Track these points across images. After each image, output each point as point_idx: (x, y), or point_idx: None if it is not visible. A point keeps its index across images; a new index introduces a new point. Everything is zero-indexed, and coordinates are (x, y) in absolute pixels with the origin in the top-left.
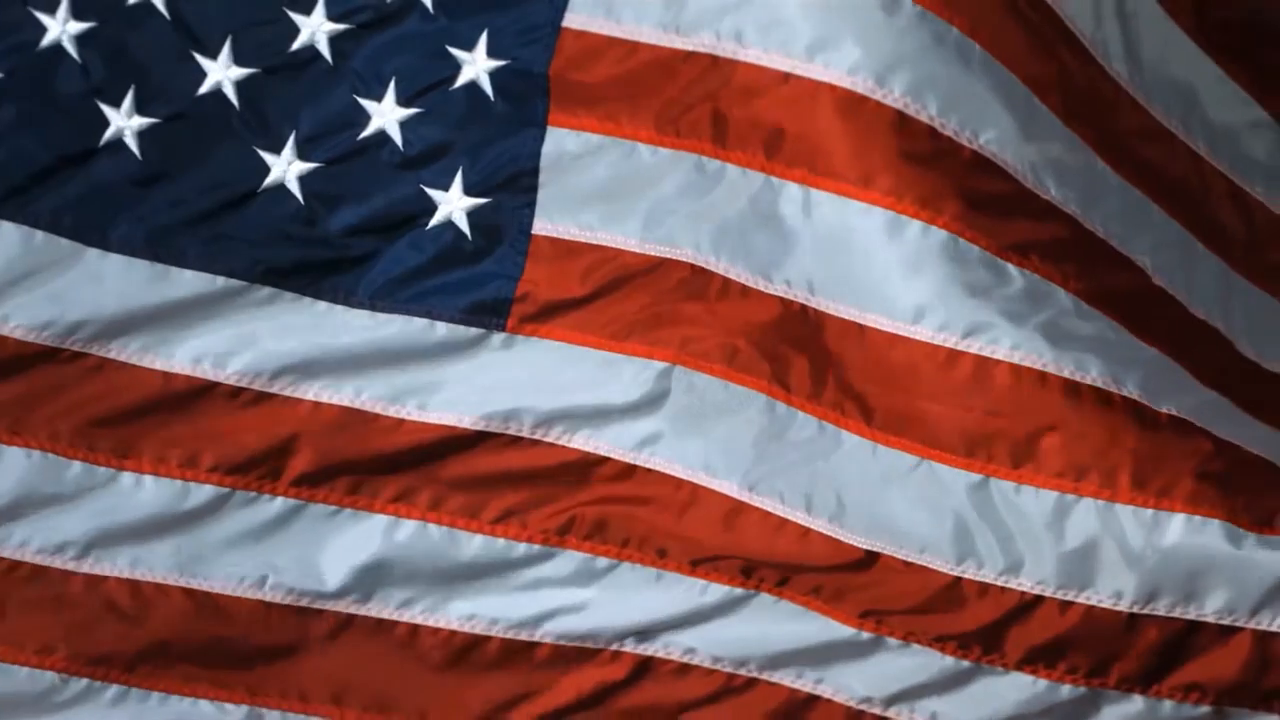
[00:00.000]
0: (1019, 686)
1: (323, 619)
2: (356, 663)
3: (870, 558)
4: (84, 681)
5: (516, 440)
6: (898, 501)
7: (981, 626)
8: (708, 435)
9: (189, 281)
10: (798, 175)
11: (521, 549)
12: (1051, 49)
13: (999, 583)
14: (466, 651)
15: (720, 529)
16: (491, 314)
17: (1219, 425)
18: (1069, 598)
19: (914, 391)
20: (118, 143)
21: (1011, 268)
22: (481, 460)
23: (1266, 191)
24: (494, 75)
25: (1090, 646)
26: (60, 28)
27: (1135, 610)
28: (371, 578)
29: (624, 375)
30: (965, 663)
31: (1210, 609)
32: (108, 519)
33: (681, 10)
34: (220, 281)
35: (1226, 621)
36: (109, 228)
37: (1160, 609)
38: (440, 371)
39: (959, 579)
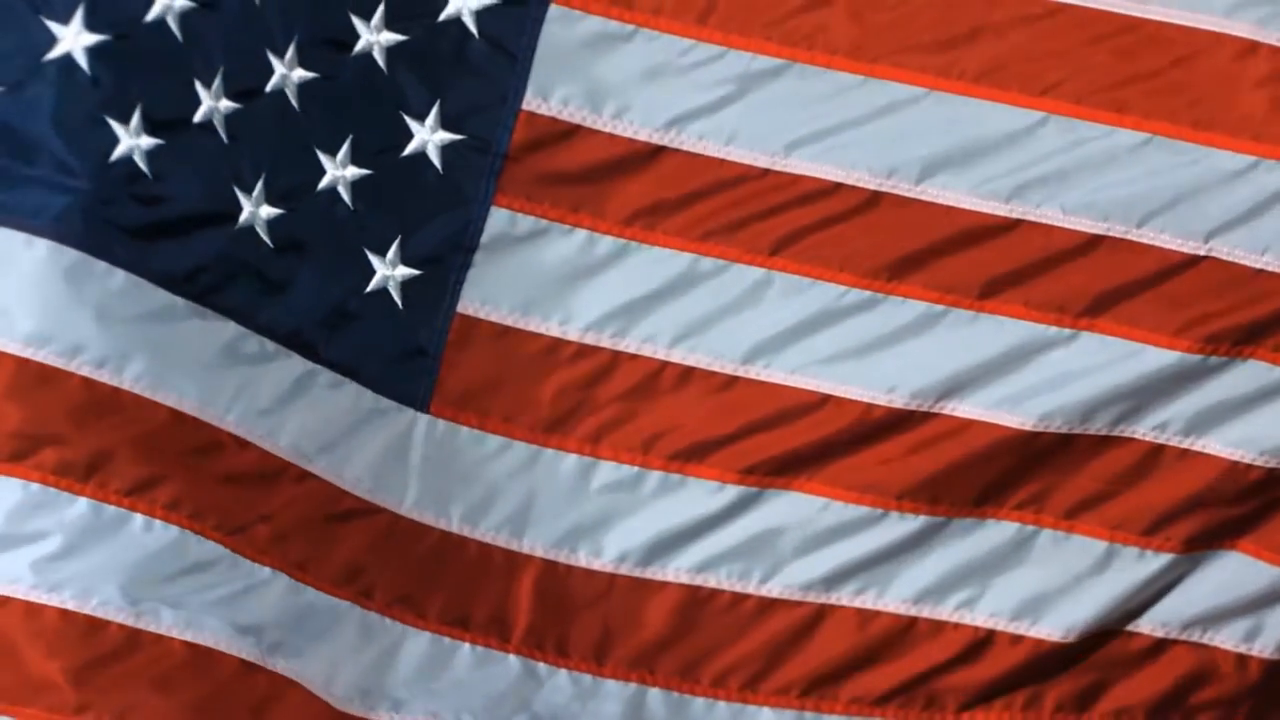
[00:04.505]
0: None
1: None
2: None
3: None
4: None
5: (446, 535)
6: None
7: (930, 669)
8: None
9: (178, 312)
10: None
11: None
12: None
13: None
14: None
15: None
16: (417, 393)
17: None
18: (1020, 631)
19: None
20: (127, 159)
21: None
22: (423, 551)
23: None
24: (444, 148)
25: (1028, 679)
26: (73, 39)
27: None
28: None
29: (549, 469)
30: None
31: (1146, 624)
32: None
33: (655, 103)
34: (216, 324)
35: (1161, 635)
36: (110, 246)
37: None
38: (376, 451)
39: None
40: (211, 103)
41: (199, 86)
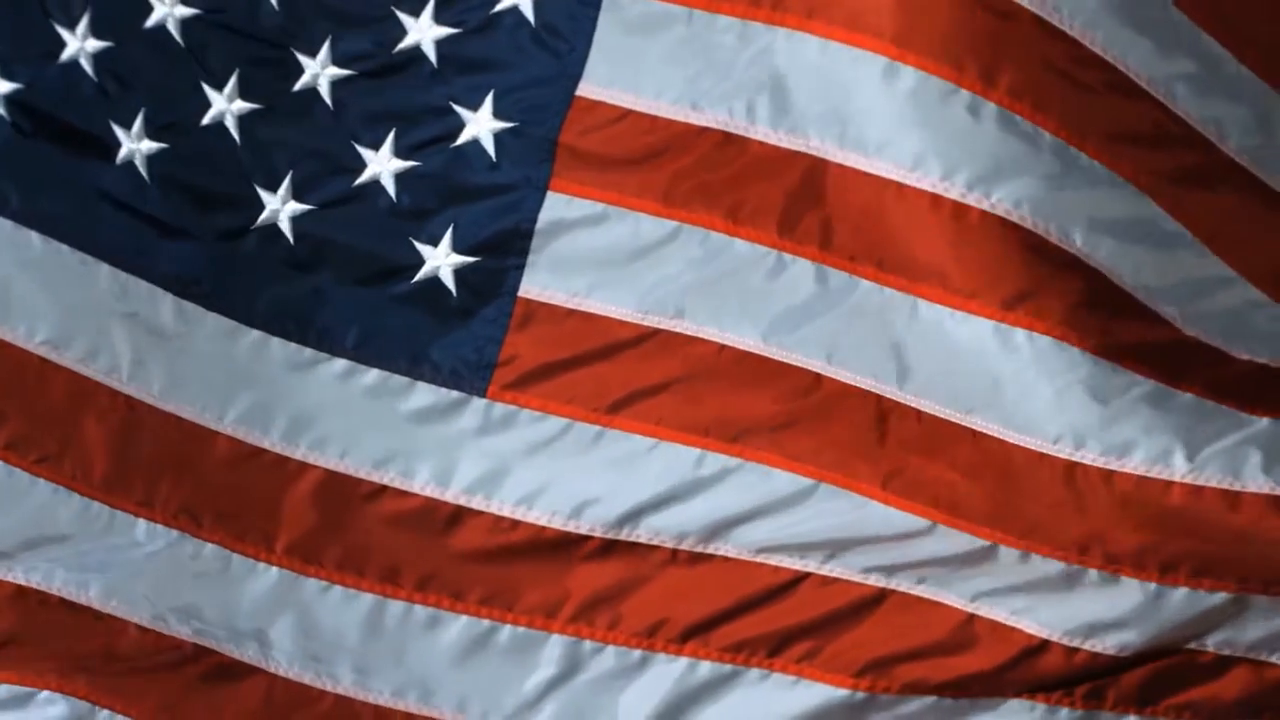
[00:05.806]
0: (1015, 712)
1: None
2: None
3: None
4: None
5: (498, 520)
6: None
7: (987, 669)
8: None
9: (199, 321)
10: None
11: (506, 631)
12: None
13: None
14: None
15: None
16: (473, 377)
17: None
18: (1075, 644)
19: None
20: (129, 165)
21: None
22: (465, 538)
23: None
24: (498, 136)
25: (1089, 676)
26: (79, 44)
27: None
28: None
29: (610, 450)
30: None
31: (1211, 643)
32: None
33: (701, 86)
34: (218, 321)
35: (1225, 653)
36: (114, 247)
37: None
38: (421, 437)
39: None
40: (224, 105)
41: (208, 89)
